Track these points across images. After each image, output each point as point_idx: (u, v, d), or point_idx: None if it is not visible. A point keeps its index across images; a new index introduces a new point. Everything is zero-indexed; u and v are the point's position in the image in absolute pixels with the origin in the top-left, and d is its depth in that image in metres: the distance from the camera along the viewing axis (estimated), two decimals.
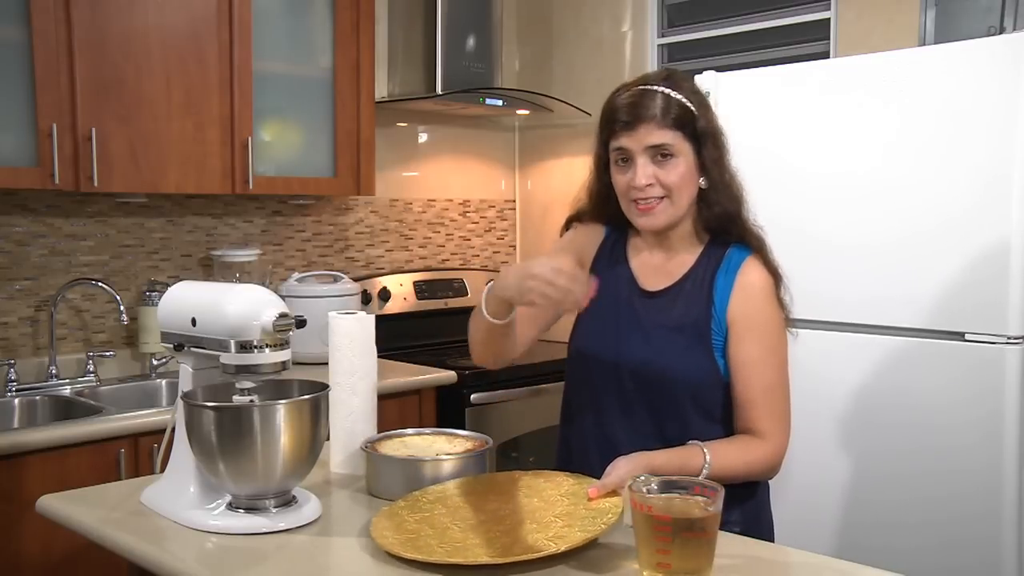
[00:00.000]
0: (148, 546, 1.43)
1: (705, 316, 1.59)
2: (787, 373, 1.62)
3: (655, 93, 1.56)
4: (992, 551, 2.11)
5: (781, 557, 1.44)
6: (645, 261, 1.69)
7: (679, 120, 1.55)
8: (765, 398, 1.57)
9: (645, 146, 1.55)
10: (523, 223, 4.10)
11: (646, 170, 1.56)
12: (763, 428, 1.57)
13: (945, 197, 2.18)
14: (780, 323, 1.62)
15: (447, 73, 3.44)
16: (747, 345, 1.58)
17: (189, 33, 2.74)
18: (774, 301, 1.61)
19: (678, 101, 1.56)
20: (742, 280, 1.59)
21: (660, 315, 1.62)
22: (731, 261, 1.61)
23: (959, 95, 2.16)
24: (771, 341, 1.59)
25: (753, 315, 1.58)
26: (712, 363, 1.59)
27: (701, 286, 1.61)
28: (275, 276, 3.26)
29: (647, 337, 1.62)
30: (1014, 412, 2.09)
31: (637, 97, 1.56)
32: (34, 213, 2.79)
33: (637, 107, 1.55)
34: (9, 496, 2.18)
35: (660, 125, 1.54)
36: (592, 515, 1.38)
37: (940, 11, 2.79)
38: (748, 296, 1.59)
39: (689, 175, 1.58)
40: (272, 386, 1.56)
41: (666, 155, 1.56)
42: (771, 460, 1.58)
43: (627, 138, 1.56)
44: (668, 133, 1.55)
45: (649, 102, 1.55)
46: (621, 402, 1.63)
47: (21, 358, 2.75)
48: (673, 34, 3.57)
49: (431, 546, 1.32)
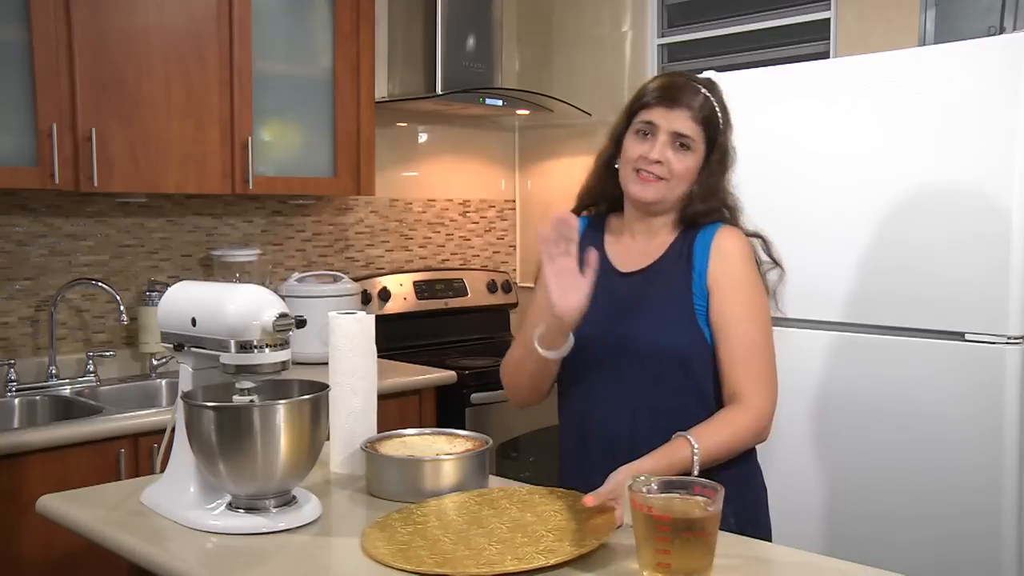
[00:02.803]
0: (148, 546, 1.43)
1: (686, 283, 1.64)
2: (771, 335, 1.64)
3: (697, 88, 1.65)
4: (992, 551, 2.11)
5: (781, 557, 1.44)
6: (624, 245, 1.74)
7: (707, 121, 1.64)
8: (748, 356, 1.60)
9: (672, 129, 1.62)
10: (523, 223, 4.10)
11: (663, 149, 1.62)
12: (746, 390, 1.59)
13: (945, 197, 2.18)
14: (760, 284, 1.66)
15: (447, 73, 3.44)
16: (729, 304, 1.62)
17: (189, 33, 2.74)
18: (752, 264, 1.66)
19: (713, 105, 1.65)
20: (718, 244, 1.64)
21: (641, 291, 1.67)
22: (707, 232, 1.67)
23: (959, 95, 2.16)
24: (752, 300, 1.63)
25: (732, 276, 1.63)
26: (697, 330, 1.62)
27: (680, 257, 1.66)
28: (275, 276, 3.26)
29: (631, 313, 1.66)
30: (1014, 412, 2.09)
31: (683, 83, 1.65)
32: (34, 213, 2.79)
33: (681, 90, 1.64)
34: (9, 496, 2.18)
35: (693, 117, 1.63)
36: (584, 530, 1.39)
37: (940, 11, 2.79)
38: (725, 259, 1.63)
39: (694, 171, 1.65)
40: (272, 386, 1.56)
41: (685, 146, 1.63)
42: (756, 425, 1.59)
43: (660, 114, 1.63)
44: (696, 127, 1.63)
45: (692, 92, 1.64)
46: (613, 380, 1.65)
47: (21, 358, 2.75)
48: (673, 34, 3.57)
49: (421, 557, 1.32)
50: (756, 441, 1.64)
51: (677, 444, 1.52)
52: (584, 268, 1.52)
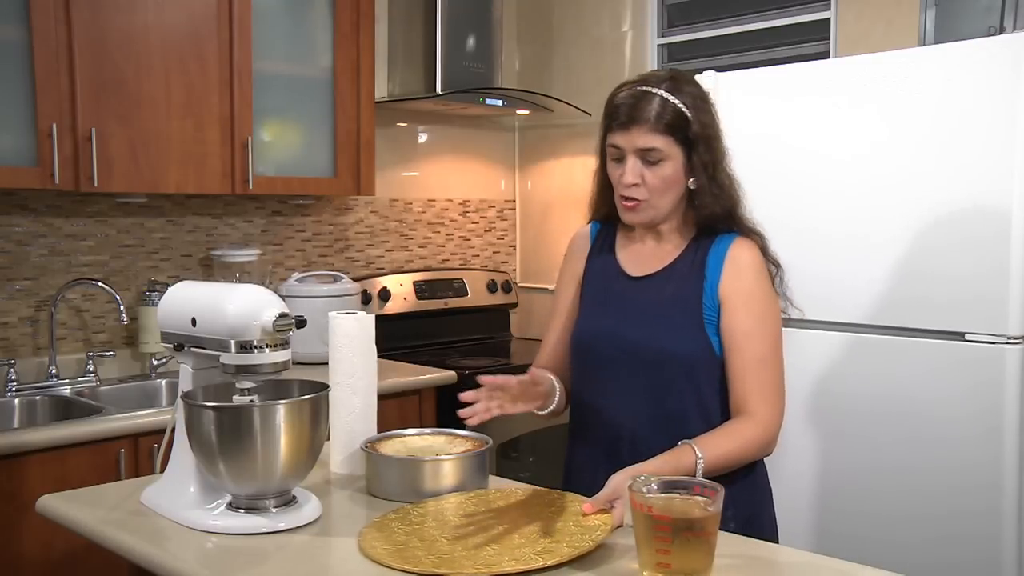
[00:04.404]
0: (148, 546, 1.43)
1: (697, 293, 1.63)
2: (780, 350, 1.64)
3: (653, 96, 1.59)
4: (992, 551, 2.11)
5: (781, 557, 1.44)
6: (635, 250, 1.73)
7: (672, 125, 1.59)
8: (756, 370, 1.59)
9: (636, 148, 1.60)
10: (523, 223, 4.10)
11: (635, 170, 1.61)
12: (754, 404, 1.59)
13: (945, 197, 2.18)
14: (772, 298, 1.65)
15: (447, 73, 3.44)
16: (739, 317, 1.61)
17: (189, 33, 2.74)
18: (766, 277, 1.64)
19: (674, 106, 1.59)
20: (732, 256, 1.63)
21: (651, 296, 1.66)
22: (722, 241, 1.65)
23: (959, 95, 2.16)
24: (763, 314, 1.62)
25: (745, 289, 1.61)
26: (705, 338, 1.61)
27: (692, 265, 1.65)
28: (275, 276, 3.26)
29: (639, 318, 1.66)
30: (1014, 412, 2.09)
31: (635, 99, 1.60)
32: (34, 213, 2.79)
33: (633, 109, 1.59)
34: (9, 496, 2.18)
35: (652, 129, 1.58)
36: (581, 531, 1.39)
37: (940, 11, 2.79)
38: (739, 271, 1.62)
39: (675, 178, 1.62)
40: (272, 386, 1.56)
41: (654, 160, 1.60)
42: (762, 439, 1.59)
43: (621, 137, 1.61)
44: (659, 138, 1.58)
45: (645, 105, 1.58)
46: (618, 382, 1.66)
47: (21, 358, 2.75)
48: (673, 34, 3.57)
49: (418, 557, 1.32)
50: (762, 454, 1.63)
51: (681, 451, 1.52)
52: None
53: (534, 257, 4.04)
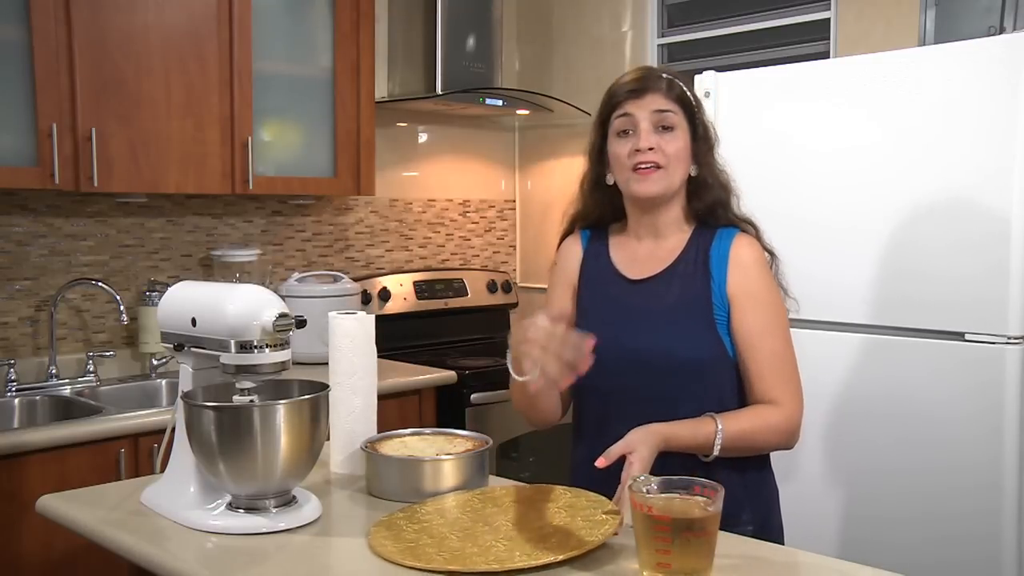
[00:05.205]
0: (148, 546, 1.43)
1: (705, 293, 1.61)
2: (792, 343, 1.64)
3: (660, 73, 1.66)
4: (992, 551, 2.11)
5: (781, 557, 1.44)
6: (631, 252, 1.71)
7: (681, 99, 1.64)
8: (774, 367, 1.60)
9: (651, 110, 1.61)
10: (523, 223, 4.10)
11: (650, 136, 1.61)
12: (776, 396, 1.59)
13: (945, 197, 2.18)
14: (778, 292, 1.66)
15: (447, 73, 3.44)
16: (750, 316, 1.60)
17: (189, 33, 2.74)
18: (770, 272, 1.65)
19: (680, 85, 1.65)
20: (736, 254, 1.63)
21: (654, 299, 1.64)
22: (722, 238, 1.65)
23: (959, 95, 2.16)
24: (773, 310, 1.62)
25: (752, 287, 1.61)
26: (716, 339, 1.60)
27: (696, 265, 1.64)
28: (275, 276, 3.26)
29: (643, 322, 1.63)
30: (1014, 412, 2.09)
31: (645, 72, 1.66)
32: (34, 213, 2.79)
33: (645, 79, 1.64)
34: (9, 496, 2.18)
35: (666, 96, 1.62)
36: (589, 526, 1.39)
37: (940, 11, 2.79)
38: (744, 269, 1.62)
39: (685, 152, 1.64)
40: (272, 386, 1.56)
41: (668, 126, 1.62)
42: (786, 427, 1.59)
43: (633, 104, 1.62)
44: (672, 104, 1.62)
45: (656, 77, 1.65)
46: (627, 392, 1.61)
47: (21, 358, 2.75)
48: (673, 34, 3.57)
49: (429, 554, 1.32)
50: (783, 444, 1.62)
51: (703, 420, 1.53)
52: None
53: (534, 257, 4.04)
